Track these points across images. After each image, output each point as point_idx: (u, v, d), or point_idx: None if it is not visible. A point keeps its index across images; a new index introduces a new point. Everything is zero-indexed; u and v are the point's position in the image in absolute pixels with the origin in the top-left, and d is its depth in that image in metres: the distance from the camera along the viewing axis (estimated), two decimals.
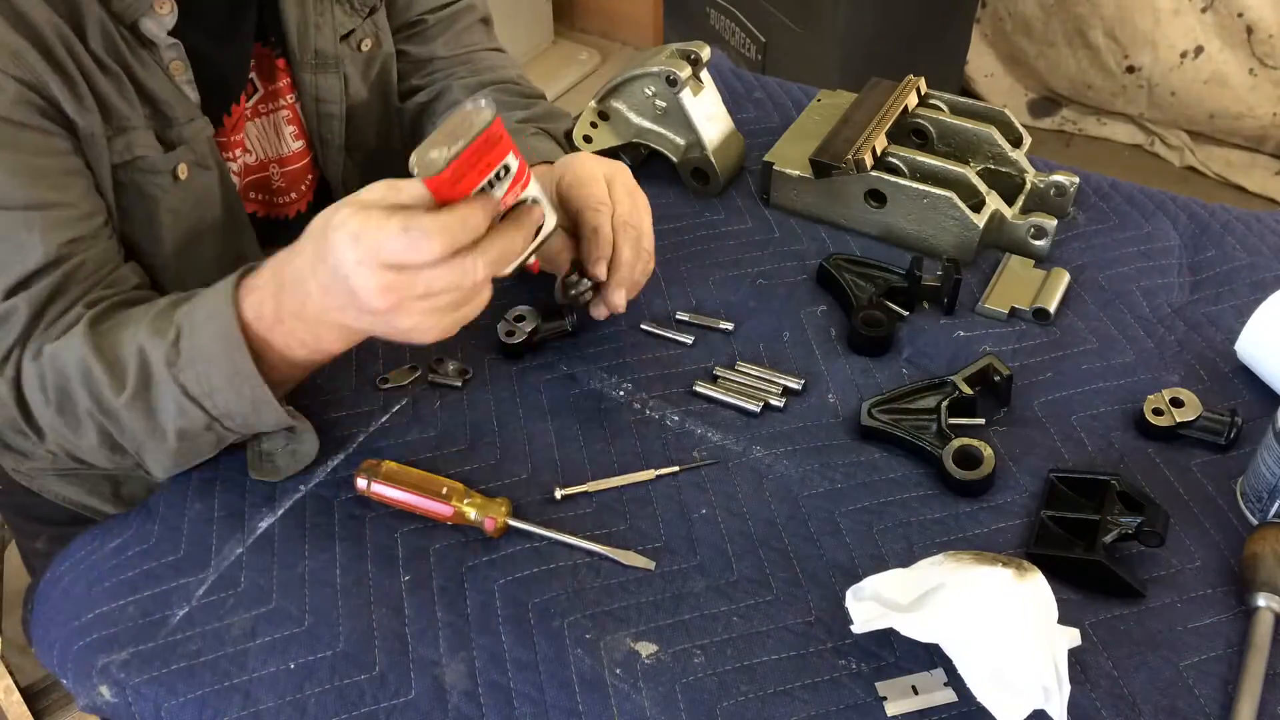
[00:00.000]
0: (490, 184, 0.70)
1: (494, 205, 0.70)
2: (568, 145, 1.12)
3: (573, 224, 0.90)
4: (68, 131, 0.82)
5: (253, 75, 1.00)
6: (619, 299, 0.90)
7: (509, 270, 0.74)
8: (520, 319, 0.97)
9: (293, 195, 1.09)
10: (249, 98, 1.01)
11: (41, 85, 0.79)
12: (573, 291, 0.90)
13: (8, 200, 0.79)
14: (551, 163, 0.98)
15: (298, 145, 1.06)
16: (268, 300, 0.76)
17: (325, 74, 1.02)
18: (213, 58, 0.92)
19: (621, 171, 0.92)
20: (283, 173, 1.07)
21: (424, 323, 0.71)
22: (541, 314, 0.97)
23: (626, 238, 0.89)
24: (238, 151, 1.01)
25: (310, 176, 1.09)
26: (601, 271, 0.88)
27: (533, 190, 0.75)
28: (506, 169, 0.71)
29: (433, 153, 0.66)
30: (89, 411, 0.80)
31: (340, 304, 0.72)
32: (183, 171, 0.90)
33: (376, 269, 0.68)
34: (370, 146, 1.13)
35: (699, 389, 0.94)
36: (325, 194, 1.11)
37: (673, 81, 1.09)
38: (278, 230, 1.08)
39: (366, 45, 1.06)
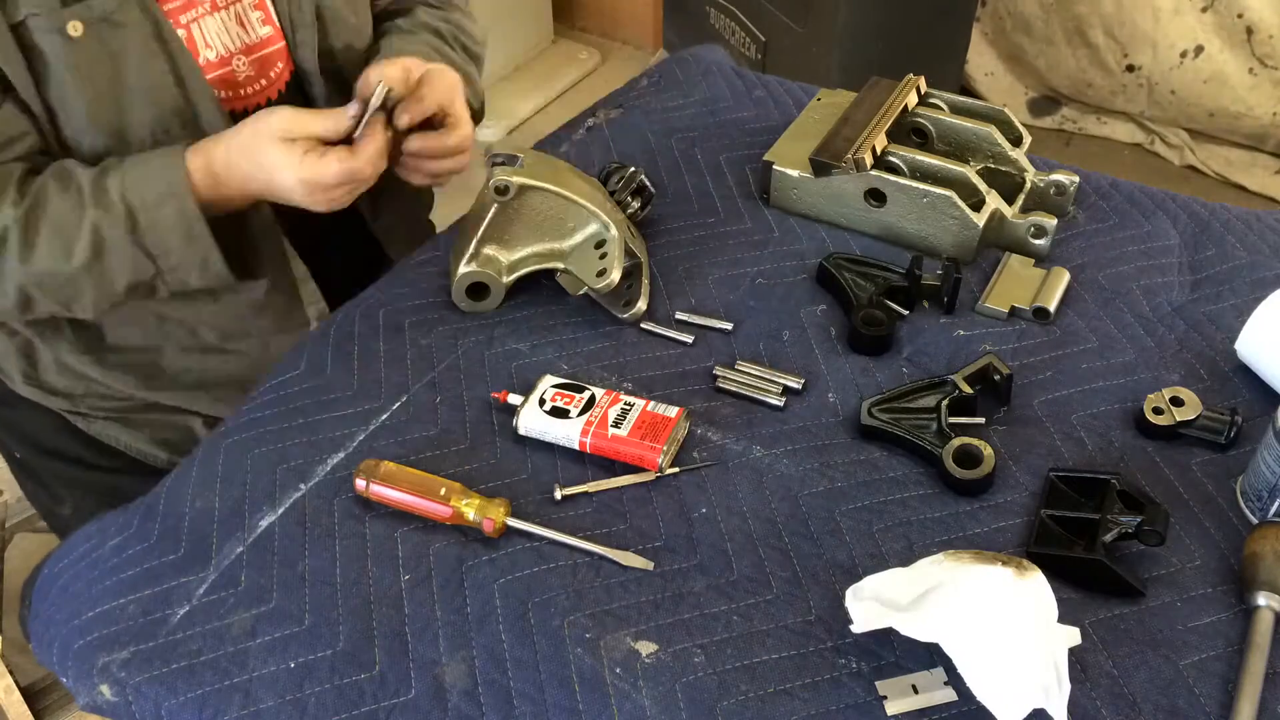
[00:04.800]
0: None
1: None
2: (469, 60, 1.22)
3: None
4: None
5: None
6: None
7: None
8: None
9: (262, 83, 1.08)
10: None
11: None
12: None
13: None
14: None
15: (266, 31, 1.07)
16: (207, 177, 0.93)
17: None
18: None
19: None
20: (250, 60, 1.06)
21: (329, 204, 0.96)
22: None
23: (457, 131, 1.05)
24: (187, 16, 0.99)
25: (281, 63, 1.10)
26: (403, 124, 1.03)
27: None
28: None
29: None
30: (16, 278, 0.91)
31: (268, 191, 0.95)
32: (74, 29, 0.89)
33: (312, 189, 0.94)
34: (340, 52, 1.13)
35: (698, 388, 0.94)
36: (298, 81, 1.11)
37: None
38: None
39: None
